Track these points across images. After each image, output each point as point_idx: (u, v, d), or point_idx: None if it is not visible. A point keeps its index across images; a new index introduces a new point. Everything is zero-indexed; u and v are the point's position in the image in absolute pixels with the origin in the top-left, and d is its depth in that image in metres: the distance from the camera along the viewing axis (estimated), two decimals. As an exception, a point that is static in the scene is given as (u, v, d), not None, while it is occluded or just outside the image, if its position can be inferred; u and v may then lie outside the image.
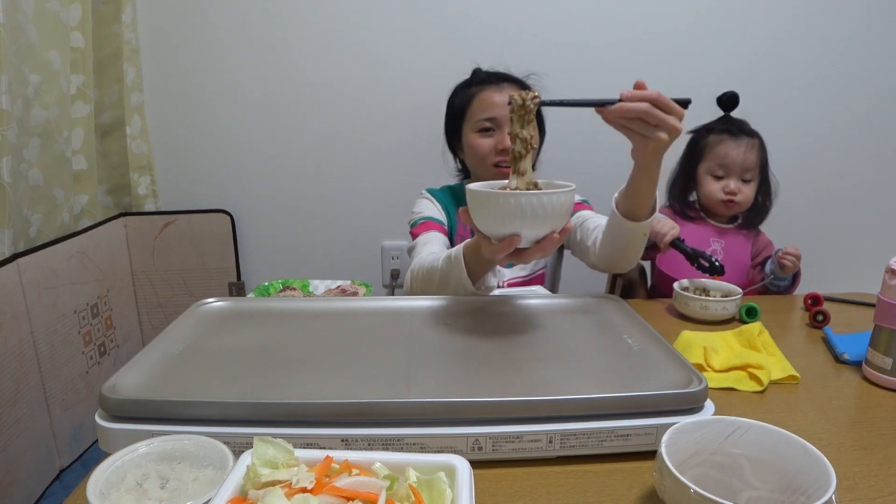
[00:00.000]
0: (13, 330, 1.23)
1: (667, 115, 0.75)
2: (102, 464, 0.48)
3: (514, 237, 0.72)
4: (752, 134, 1.28)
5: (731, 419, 0.53)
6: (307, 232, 1.86)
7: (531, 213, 0.70)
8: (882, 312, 0.75)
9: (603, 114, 0.77)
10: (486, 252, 0.77)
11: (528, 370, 0.67)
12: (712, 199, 1.29)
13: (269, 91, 1.75)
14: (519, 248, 0.74)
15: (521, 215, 0.70)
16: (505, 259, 0.77)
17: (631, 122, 0.77)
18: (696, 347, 0.83)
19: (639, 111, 0.75)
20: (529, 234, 0.73)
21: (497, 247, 0.74)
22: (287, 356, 0.70)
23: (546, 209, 0.71)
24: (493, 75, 1.20)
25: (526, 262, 0.80)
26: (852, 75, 1.75)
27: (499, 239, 0.74)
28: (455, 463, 0.45)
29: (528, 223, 0.71)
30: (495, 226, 0.74)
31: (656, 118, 0.75)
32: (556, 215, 0.72)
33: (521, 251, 0.75)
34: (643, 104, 0.75)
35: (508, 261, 0.78)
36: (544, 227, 0.73)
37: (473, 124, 1.16)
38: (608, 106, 0.76)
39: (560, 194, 0.71)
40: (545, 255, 0.76)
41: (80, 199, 1.56)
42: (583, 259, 1.12)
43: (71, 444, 1.43)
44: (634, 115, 0.75)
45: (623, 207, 0.91)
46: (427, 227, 1.17)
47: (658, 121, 0.75)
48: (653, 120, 0.75)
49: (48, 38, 1.38)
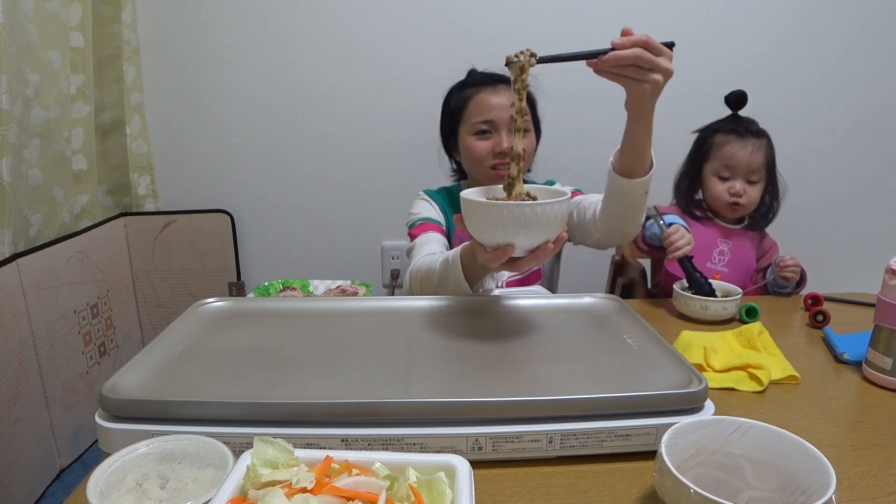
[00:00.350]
0: (13, 330, 1.23)
1: (658, 56, 0.76)
2: (102, 464, 0.48)
3: (507, 247, 0.72)
4: (760, 134, 1.26)
5: (731, 419, 0.53)
6: (307, 232, 1.86)
7: (525, 224, 0.70)
8: (882, 312, 0.75)
9: (596, 65, 0.78)
10: (480, 259, 0.77)
11: (528, 370, 0.67)
12: (717, 201, 1.28)
13: (269, 91, 1.75)
14: (513, 256, 0.74)
15: (515, 225, 0.70)
16: (499, 267, 0.77)
17: (625, 70, 0.77)
18: (696, 347, 0.83)
19: (632, 57, 0.75)
20: (523, 244, 0.73)
21: (491, 255, 0.74)
22: (287, 356, 0.70)
23: (540, 219, 0.70)
24: (488, 77, 1.19)
25: (519, 271, 0.81)
26: (853, 76, 1.75)
27: (493, 247, 0.75)
28: (455, 463, 0.45)
29: (522, 233, 0.71)
30: (489, 235, 0.74)
31: (649, 62, 0.75)
32: (551, 225, 0.72)
33: (515, 260, 0.75)
34: (636, 49, 0.75)
35: (503, 269, 0.78)
36: (538, 236, 0.73)
37: (470, 126, 1.16)
38: (601, 56, 0.77)
39: (554, 204, 0.71)
40: (539, 263, 0.77)
41: (80, 199, 1.56)
42: (585, 240, 1.10)
43: (71, 444, 1.43)
44: (628, 62, 0.76)
45: (620, 166, 0.90)
46: (425, 227, 1.17)
47: (651, 64, 0.75)
48: (646, 64, 0.76)
49: (48, 38, 1.38)
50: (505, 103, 1.14)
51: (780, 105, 1.74)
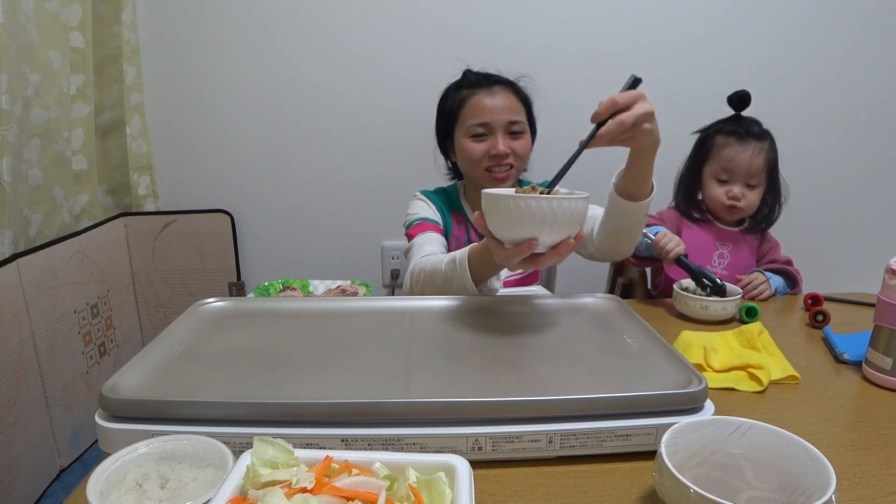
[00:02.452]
0: (13, 330, 1.23)
1: (633, 109, 0.75)
2: (102, 464, 0.48)
3: (531, 241, 0.72)
4: (762, 136, 1.24)
5: (731, 419, 0.53)
6: (307, 232, 1.86)
7: (551, 218, 0.71)
8: (882, 312, 0.75)
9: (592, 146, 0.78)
10: (499, 258, 0.77)
11: (528, 370, 0.67)
12: (716, 203, 1.27)
13: (269, 91, 1.75)
14: (535, 252, 0.74)
15: (542, 219, 0.71)
16: (519, 265, 0.77)
17: (615, 139, 0.77)
18: (696, 347, 0.83)
19: (616, 127, 0.75)
20: (547, 239, 0.73)
21: (513, 251, 0.74)
22: (287, 356, 0.70)
23: (565, 214, 0.71)
24: (483, 77, 1.19)
25: (540, 267, 0.80)
26: (853, 76, 1.75)
27: (513, 243, 0.74)
28: (455, 463, 0.45)
29: (548, 227, 0.72)
30: (512, 230, 0.74)
31: (630, 121, 0.75)
32: (573, 220, 0.73)
33: (536, 256, 0.75)
34: (612, 124, 0.75)
35: (523, 266, 0.78)
36: (562, 232, 0.73)
37: (466, 129, 1.15)
38: (591, 142, 0.77)
39: (577, 200, 0.72)
40: (560, 260, 0.76)
41: (80, 199, 1.56)
42: (581, 251, 1.11)
43: (71, 444, 1.43)
44: (615, 134, 0.76)
45: (622, 189, 0.91)
46: (423, 227, 1.17)
47: (633, 119, 0.75)
48: (628, 124, 0.75)
49: (48, 38, 1.38)
50: (500, 105, 1.14)
51: (780, 105, 1.74)
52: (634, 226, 0.95)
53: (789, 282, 1.26)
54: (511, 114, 1.14)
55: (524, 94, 1.21)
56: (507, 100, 1.15)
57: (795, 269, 1.27)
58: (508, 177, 1.16)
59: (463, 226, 1.24)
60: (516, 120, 1.15)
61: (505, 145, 1.13)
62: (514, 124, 1.15)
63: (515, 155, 1.15)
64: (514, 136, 1.15)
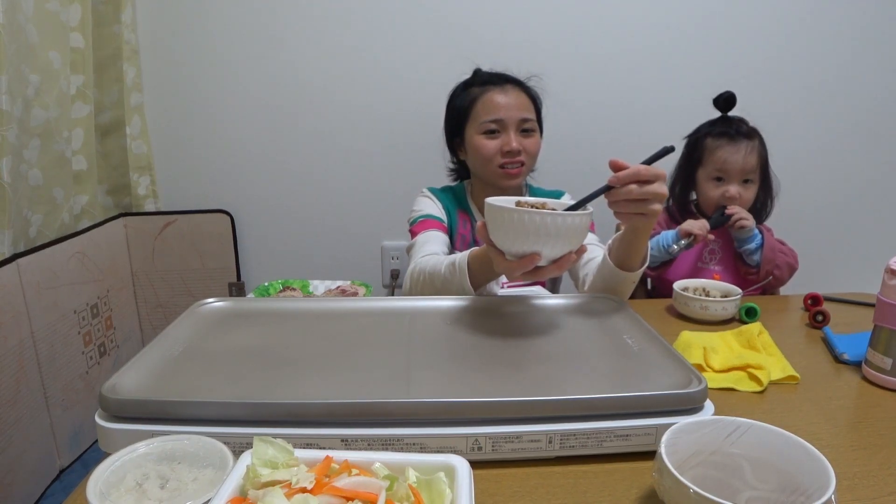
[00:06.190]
0: (13, 330, 1.23)
1: (651, 184, 0.77)
2: (102, 464, 0.48)
3: (534, 255, 0.73)
4: (751, 135, 1.27)
5: (730, 419, 0.53)
6: (307, 232, 1.86)
7: (554, 232, 0.71)
8: (882, 312, 0.75)
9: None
10: (500, 268, 0.78)
11: (528, 370, 0.67)
12: (713, 204, 1.28)
13: (269, 91, 1.75)
14: (537, 265, 0.75)
15: (545, 234, 0.71)
16: (520, 276, 0.77)
17: (624, 206, 0.79)
18: (695, 348, 0.83)
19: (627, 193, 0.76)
20: (549, 253, 0.74)
21: (516, 264, 0.75)
22: (287, 356, 0.70)
23: (569, 229, 0.72)
24: (495, 76, 1.20)
25: (540, 279, 0.81)
26: (852, 76, 1.75)
27: (515, 256, 0.75)
28: (455, 463, 0.45)
29: (551, 242, 0.72)
30: (515, 243, 0.74)
31: (643, 194, 0.77)
32: (576, 236, 0.74)
33: (538, 269, 0.76)
34: (630, 186, 0.76)
35: (523, 278, 0.78)
36: (564, 246, 0.74)
37: (478, 126, 1.16)
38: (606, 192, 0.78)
39: (580, 216, 0.73)
40: (561, 272, 0.77)
41: (80, 200, 1.56)
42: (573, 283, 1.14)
43: (71, 444, 1.43)
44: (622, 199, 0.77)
45: (616, 258, 0.92)
46: (426, 225, 1.17)
47: (644, 195, 0.77)
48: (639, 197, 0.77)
49: (48, 39, 1.38)
50: (513, 103, 1.15)
51: (779, 105, 1.74)
52: (625, 290, 0.96)
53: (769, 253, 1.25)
54: (523, 111, 1.15)
55: (534, 94, 1.22)
56: (519, 98, 1.16)
57: (787, 248, 1.28)
58: (520, 173, 1.17)
59: (468, 224, 1.25)
60: (528, 118, 1.16)
61: (517, 142, 1.14)
62: (526, 122, 1.16)
63: (527, 153, 1.16)
64: (526, 133, 1.16)
